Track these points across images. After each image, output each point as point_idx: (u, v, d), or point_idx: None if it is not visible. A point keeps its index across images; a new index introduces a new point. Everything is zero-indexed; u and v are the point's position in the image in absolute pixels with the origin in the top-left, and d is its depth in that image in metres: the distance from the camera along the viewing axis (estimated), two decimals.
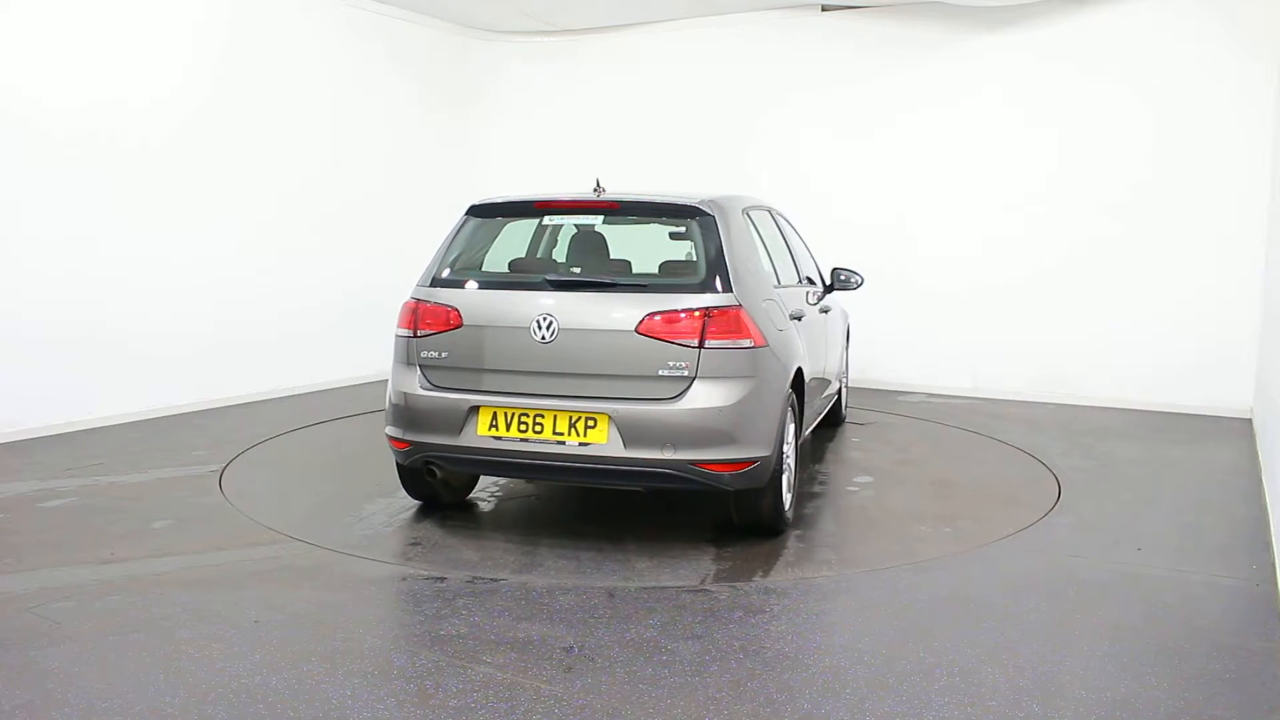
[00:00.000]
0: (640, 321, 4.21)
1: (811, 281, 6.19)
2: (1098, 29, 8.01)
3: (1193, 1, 7.71)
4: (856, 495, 5.45)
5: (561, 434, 4.26)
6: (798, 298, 5.38)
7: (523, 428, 4.31)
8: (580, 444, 4.23)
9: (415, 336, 4.57)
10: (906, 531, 4.77)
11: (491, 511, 5.16)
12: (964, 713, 2.90)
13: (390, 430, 4.64)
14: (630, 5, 9.25)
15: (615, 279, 4.59)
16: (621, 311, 4.27)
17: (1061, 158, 8.24)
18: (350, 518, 4.93)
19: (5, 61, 6.27)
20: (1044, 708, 2.94)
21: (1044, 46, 8.21)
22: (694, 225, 4.55)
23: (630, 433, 4.17)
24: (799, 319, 5.06)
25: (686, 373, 4.17)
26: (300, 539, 4.52)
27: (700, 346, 4.17)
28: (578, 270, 4.89)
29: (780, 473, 4.52)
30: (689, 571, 4.15)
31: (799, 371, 4.82)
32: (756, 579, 4.07)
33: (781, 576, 4.11)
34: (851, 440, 6.87)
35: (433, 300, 4.59)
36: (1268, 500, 5.17)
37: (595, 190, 4.76)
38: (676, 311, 4.22)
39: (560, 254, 5.23)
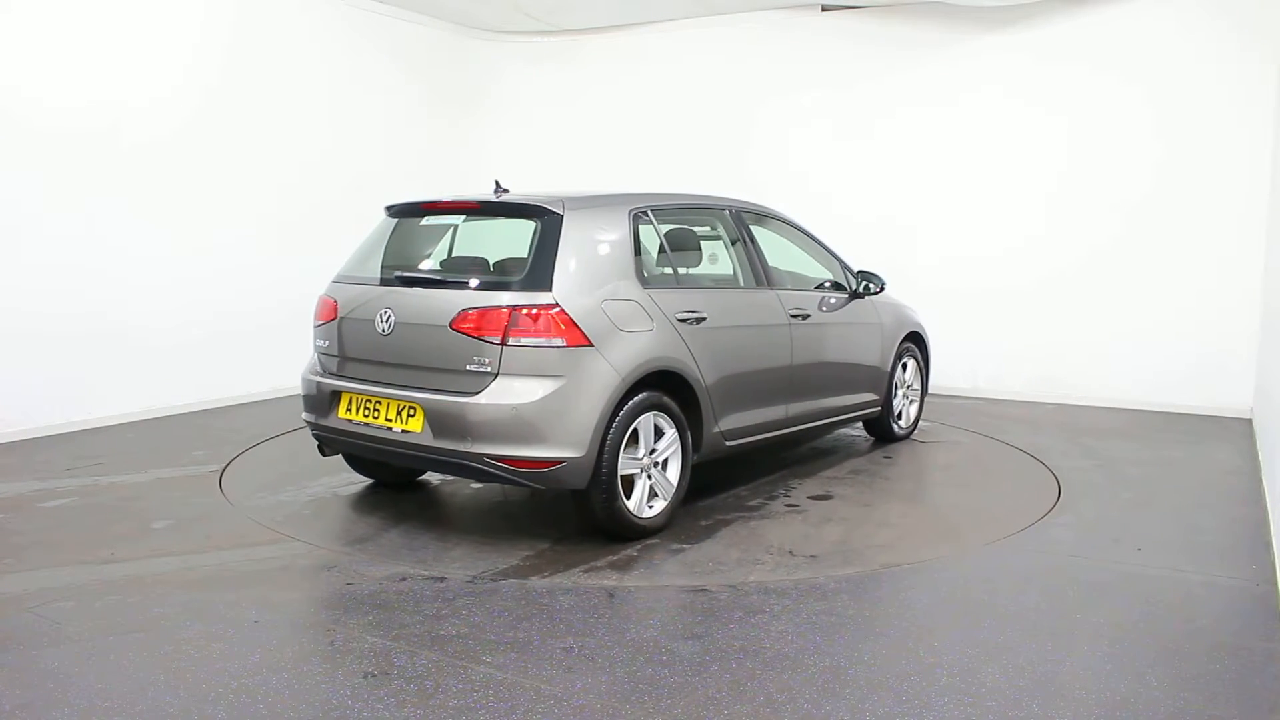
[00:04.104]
0: (454, 318, 4.34)
1: (839, 286, 6.12)
2: (1098, 29, 8.01)
3: (1194, 2, 7.72)
4: (786, 515, 4.99)
5: (391, 421, 4.52)
6: (726, 301, 5.16)
7: (365, 413, 4.63)
8: (403, 431, 4.46)
9: (316, 326, 5.01)
10: (761, 559, 4.30)
11: (417, 495, 5.35)
12: (964, 713, 2.90)
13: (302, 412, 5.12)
14: (630, 5, 9.25)
15: (445, 277, 4.75)
16: (441, 308, 4.42)
17: (1062, 159, 8.24)
18: (293, 488, 5.38)
19: (5, 61, 6.27)
20: (1044, 708, 2.94)
21: (1044, 47, 8.21)
22: (539, 225, 4.52)
23: (436, 423, 4.33)
24: (695, 322, 4.77)
25: (490, 369, 4.26)
26: (300, 539, 4.53)
27: (502, 344, 4.24)
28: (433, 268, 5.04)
29: (614, 476, 4.35)
30: (485, 565, 4.18)
31: (673, 376, 4.64)
32: (534, 579, 3.99)
33: (567, 581, 3.98)
34: (851, 447, 6.86)
35: (327, 294, 4.99)
36: (1268, 500, 5.17)
37: (495, 191, 4.89)
38: (484, 309, 4.30)
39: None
